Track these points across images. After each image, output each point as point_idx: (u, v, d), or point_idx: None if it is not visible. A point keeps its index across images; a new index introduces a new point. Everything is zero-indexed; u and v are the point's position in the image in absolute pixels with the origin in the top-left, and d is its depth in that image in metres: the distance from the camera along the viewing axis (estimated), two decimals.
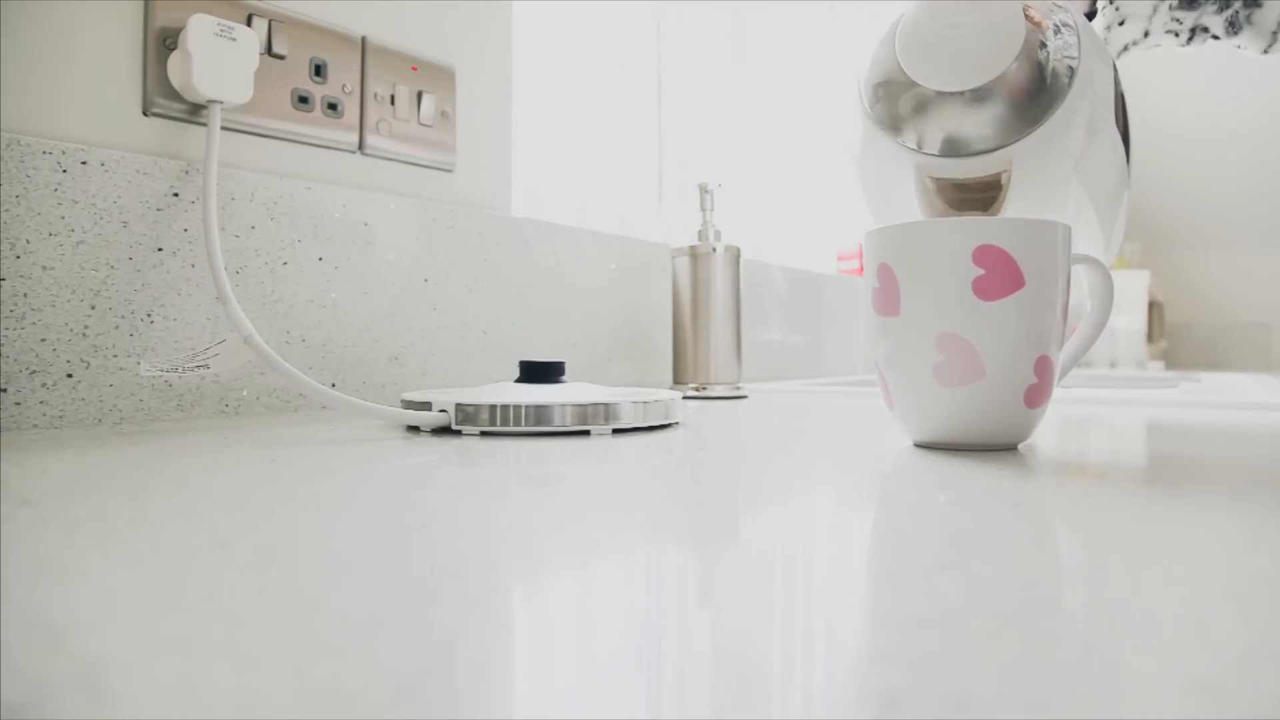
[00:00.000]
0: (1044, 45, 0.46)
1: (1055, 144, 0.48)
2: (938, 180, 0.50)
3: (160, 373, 0.47)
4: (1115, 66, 0.52)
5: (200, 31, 0.52)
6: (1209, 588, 0.19)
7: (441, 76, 0.73)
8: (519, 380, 0.54)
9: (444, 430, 0.48)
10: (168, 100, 0.54)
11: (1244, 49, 0.54)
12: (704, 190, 0.88)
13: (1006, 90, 0.46)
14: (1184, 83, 2.59)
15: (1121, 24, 0.56)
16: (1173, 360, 2.64)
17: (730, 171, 1.24)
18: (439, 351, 0.72)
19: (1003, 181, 0.49)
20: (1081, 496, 0.31)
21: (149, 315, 0.53)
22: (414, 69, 0.70)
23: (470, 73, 0.77)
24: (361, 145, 0.66)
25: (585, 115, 0.99)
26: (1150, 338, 2.26)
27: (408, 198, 0.70)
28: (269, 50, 0.59)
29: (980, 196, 0.50)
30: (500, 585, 0.19)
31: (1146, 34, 0.56)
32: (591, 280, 0.90)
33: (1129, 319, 2.16)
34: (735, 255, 0.88)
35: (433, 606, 0.18)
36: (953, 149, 0.48)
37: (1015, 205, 0.51)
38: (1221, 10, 0.51)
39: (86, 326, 0.50)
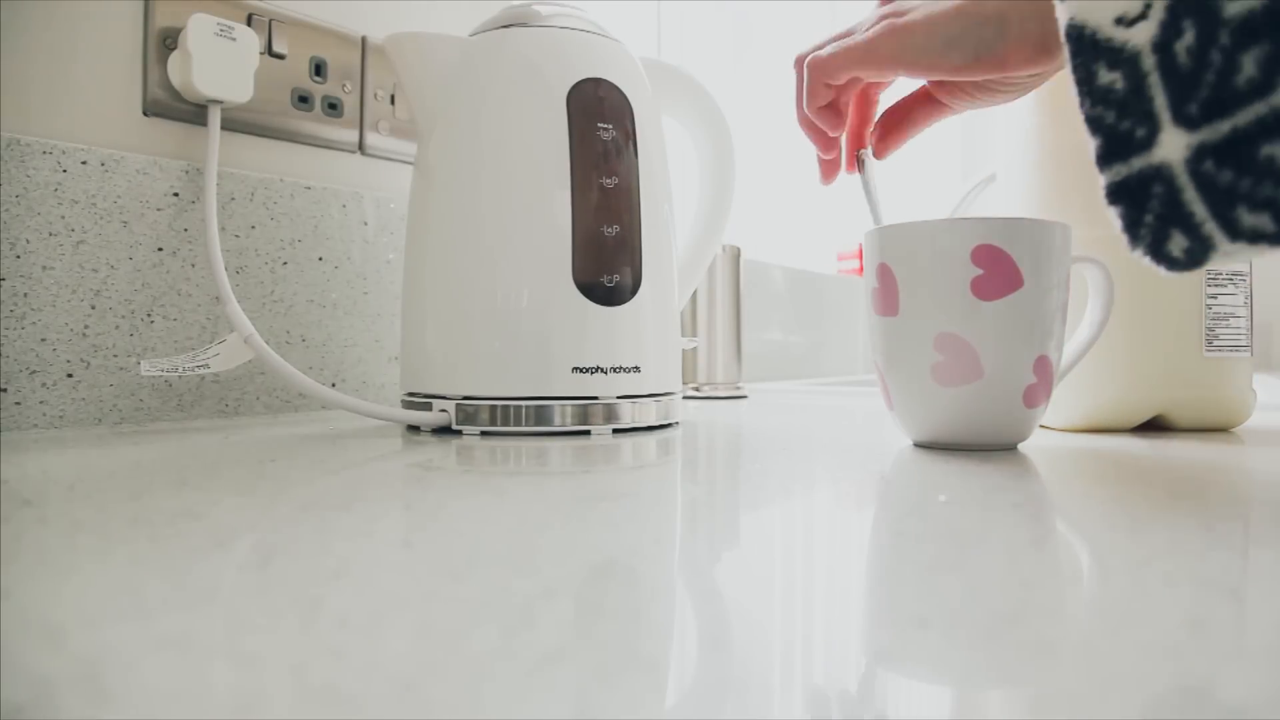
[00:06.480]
0: None
1: None
2: None
3: (160, 373, 0.47)
4: None
5: (200, 31, 0.52)
6: (1209, 587, 0.19)
7: None
8: None
9: (444, 430, 0.48)
10: (168, 100, 0.54)
11: None
12: None
13: None
14: None
15: None
16: None
17: None
18: None
19: None
20: (1081, 496, 0.31)
21: (149, 315, 0.53)
22: None
23: None
24: (361, 145, 0.66)
25: None
26: None
27: (408, 197, 0.70)
28: (269, 50, 0.59)
29: None
30: (500, 585, 0.19)
31: None
32: None
33: None
34: (735, 255, 0.88)
35: (433, 606, 0.18)
36: None
37: None
38: None
39: (86, 326, 0.50)
